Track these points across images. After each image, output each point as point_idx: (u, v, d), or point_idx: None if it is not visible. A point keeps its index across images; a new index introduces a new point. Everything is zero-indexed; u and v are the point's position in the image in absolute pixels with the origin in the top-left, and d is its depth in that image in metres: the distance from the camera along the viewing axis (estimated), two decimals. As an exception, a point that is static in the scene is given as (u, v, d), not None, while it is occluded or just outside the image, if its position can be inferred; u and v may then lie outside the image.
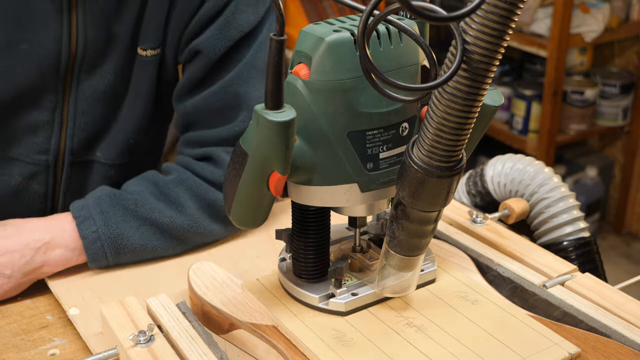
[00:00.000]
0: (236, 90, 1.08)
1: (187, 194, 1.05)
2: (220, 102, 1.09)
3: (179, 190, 1.05)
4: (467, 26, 0.62)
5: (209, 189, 1.06)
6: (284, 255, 0.88)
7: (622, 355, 0.78)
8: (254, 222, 0.79)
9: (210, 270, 0.92)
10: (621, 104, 2.92)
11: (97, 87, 1.09)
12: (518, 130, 2.91)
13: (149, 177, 1.08)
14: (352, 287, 0.84)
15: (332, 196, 0.78)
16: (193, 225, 1.04)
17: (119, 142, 1.14)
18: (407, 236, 0.76)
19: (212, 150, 1.09)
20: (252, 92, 1.08)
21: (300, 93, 0.74)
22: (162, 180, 1.07)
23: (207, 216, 1.06)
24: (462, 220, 1.04)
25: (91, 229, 1.00)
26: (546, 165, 1.13)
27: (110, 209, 1.02)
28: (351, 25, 0.75)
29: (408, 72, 0.76)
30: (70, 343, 0.88)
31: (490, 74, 0.64)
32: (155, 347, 0.78)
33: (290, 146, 0.71)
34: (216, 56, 1.07)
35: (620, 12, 2.78)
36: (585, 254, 1.08)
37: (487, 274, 0.94)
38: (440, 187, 0.71)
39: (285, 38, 0.68)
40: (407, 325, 0.81)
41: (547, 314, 0.88)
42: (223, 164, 1.07)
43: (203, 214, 1.05)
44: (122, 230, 1.01)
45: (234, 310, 0.85)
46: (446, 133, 0.67)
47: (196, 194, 1.05)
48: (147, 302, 0.85)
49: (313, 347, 0.77)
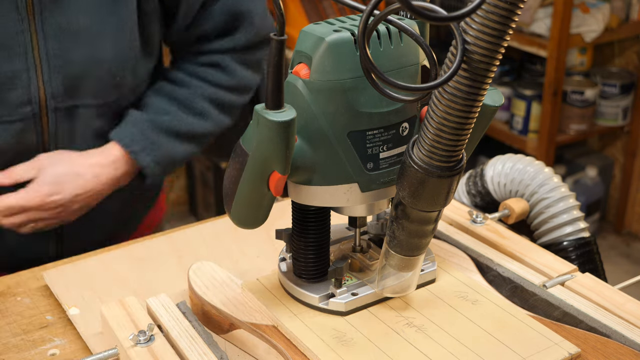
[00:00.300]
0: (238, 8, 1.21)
1: (209, 104, 1.23)
2: (222, 19, 1.21)
3: (201, 102, 1.23)
4: (468, 26, 0.62)
5: (225, 95, 1.25)
6: (284, 255, 0.88)
7: (622, 355, 0.78)
8: (254, 222, 0.79)
9: (210, 270, 0.92)
10: (621, 104, 2.92)
11: (66, 23, 1.06)
12: (518, 130, 2.91)
13: (170, 94, 1.22)
14: (352, 287, 0.84)
15: (332, 196, 0.78)
16: (217, 127, 1.27)
17: (104, 83, 1.13)
18: (407, 236, 0.76)
19: (217, 57, 1.24)
20: (252, 7, 1.22)
21: (300, 93, 0.74)
22: (183, 94, 1.22)
23: (226, 116, 1.27)
24: (462, 220, 1.04)
25: (148, 158, 1.17)
26: (546, 165, 1.13)
27: (155, 136, 1.18)
28: (351, 25, 0.75)
29: (408, 72, 0.76)
30: (70, 343, 0.88)
31: (490, 74, 0.64)
32: (155, 347, 0.78)
33: (290, 146, 0.71)
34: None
35: (620, 12, 2.78)
36: (585, 254, 1.08)
37: (487, 274, 0.94)
38: (441, 187, 0.71)
39: (285, 38, 0.68)
40: (407, 325, 0.81)
41: (547, 314, 0.88)
42: (232, 71, 1.25)
43: (224, 116, 1.27)
44: (169, 151, 1.19)
45: (234, 310, 0.85)
46: (446, 133, 0.67)
47: (216, 102, 1.24)
48: (147, 302, 0.85)
49: (313, 347, 0.77)
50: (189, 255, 1.05)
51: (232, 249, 1.06)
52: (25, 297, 0.97)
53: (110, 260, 1.04)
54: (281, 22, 0.66)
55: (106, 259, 1.04)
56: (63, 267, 1.02)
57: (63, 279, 0.99)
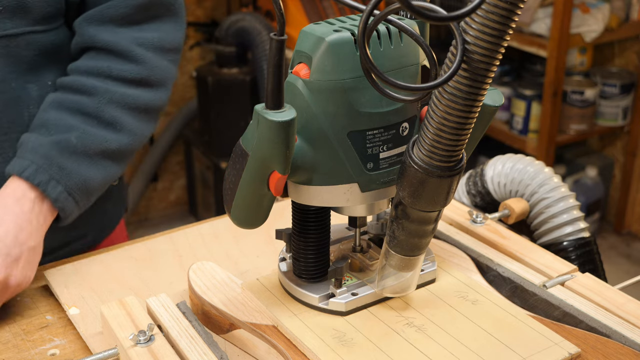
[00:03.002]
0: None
1: (121, 110, 1.03)
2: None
3: (111, 109, 1.02)
4: (468, 26, 0.62)
5: (134, 93, 1.03)
6: (284, 255, 0.88)
7: (622, 355, 0.78)
8: (254, 222, 0.79)
9: (210, 270, 0.92)
10: (621, 104, 2.92)
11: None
12: (518, 130, 2.91)
13: (72, 107, 1.01)
14: (352, 287, 0.84)
15: (332, 196, 0.78)
16: (136, 139, 1.05)
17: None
18: (407, 236, 0.76)
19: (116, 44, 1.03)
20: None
21: (300, 93, 0.74)
22: (86, 103, 1.01)
23: (144, 122, 1.05)
24: (462, 220, 1.04)
25: (58, 189, 0.97)
26: (546, 165, 1.13)
27: (63, 160, 0.98)
28: (351, 25, 0.75)
29: (408, 72, 0.76)
30: (70, 343, 0.88)
31: (490, 74, 0.64)
32: (155, 347, 0.78)
33: (290, 146, 0.71)
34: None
35: (620, 12, 2.78)
36: (585, 254, 1.08)
37: (487, 274, 0.94)
38: (441, 187, 0.71)
39: (285, 38, 0.68)
40: (407, 325, 0.81)
41: (547, 314, 0.88)
42: (135, 57, 1.04)
43: (142, 122, 1.05)
44: (83, 176, 0.99)
45: (234, 310, 0.85)
46: (446, 133, 0.67)
47: (129, 106, 1.03)
48: (147, 302, 0.85)
49: (313, 347, 0.77)
50: (189, 255, 1.05)
51: (232, 249, 1.06)
52: (25, 297, 0.97)
53: (110, 260, 1.04)
54: (281, 22, 0.66)
55: (106, 259, 1.04)
56: (63, 267, 1.02)
57: (63, 279, 0.99)
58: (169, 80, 1.10)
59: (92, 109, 1.01)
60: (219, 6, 3.30)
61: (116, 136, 1.02)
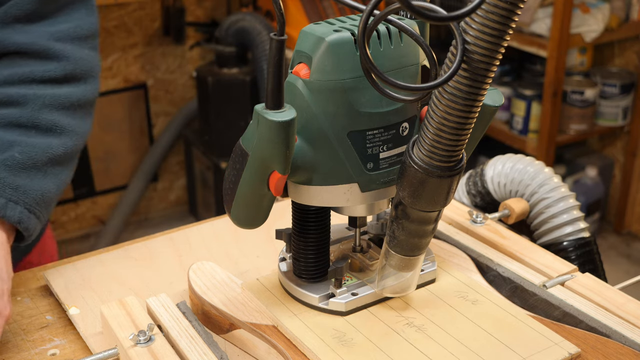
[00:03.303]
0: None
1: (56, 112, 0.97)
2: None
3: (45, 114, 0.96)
4: (468, 26, 0.62)
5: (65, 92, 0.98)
6: (284, 255, 0.88)
7: (622, 355, 0.78)
8: (254, 222, 0.79)
9: (210, 270, 0.92)
10: (621, 104, 2.92)
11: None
12: (518, 130, 2.91)
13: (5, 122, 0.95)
14: (352, 287, 0.84)
15: (332, 196, 0.78)
16: (78, 137, 1.00)
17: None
18: (407, 236, 0.76)
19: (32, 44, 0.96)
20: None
21: (300, 93, 0.74)
22: (21, 115, 0.95)
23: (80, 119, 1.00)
24: (462, 220, 1.04)
25: (17, 209, 0.91)
26: (546, 165, 1.13)
27: (13, 179, 0.92)
28: (351, 25, 0.75)
29: (408, 72, 0.76)
30: (70, 343, 0.88)
31: (490, 74, 0.64)
32: (155, 347, 0.78)
33: (290, 146, 0.71)
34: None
35: (620, 12, 2.78)
36: (585, 254, 1.08)
37: (487, 274, 0.94)
38: (441, 187, 0.71)
39: (285, 38, 0.68)
40: (407, 325, 0.81)
41: (547, 314, 0.88)
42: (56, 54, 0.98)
43: (79, 120, 1.00)
44: (39, 189, 0.94)
45: (234, 310, 0.85)
46: (446, 133, 0.67)
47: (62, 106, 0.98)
48: (147, 302, 0.85)
49: (313, 347, 0.77)
50: (189, 255, 1.05)
51: (232, 249, 1.06)
52: (25, 297, 0.97)
53: (110, 260, 1.04)
54: (281, 22, 0.66)
55: (106, 259, 1.04)
56: (63, 267, 1.02)
57: (63, 279, 0.99)
58: (95, 68, 1.05)
59: (27, 119, 0.96)
60: (219, 6, 3.30)
61: (59, 140, 0.97)
